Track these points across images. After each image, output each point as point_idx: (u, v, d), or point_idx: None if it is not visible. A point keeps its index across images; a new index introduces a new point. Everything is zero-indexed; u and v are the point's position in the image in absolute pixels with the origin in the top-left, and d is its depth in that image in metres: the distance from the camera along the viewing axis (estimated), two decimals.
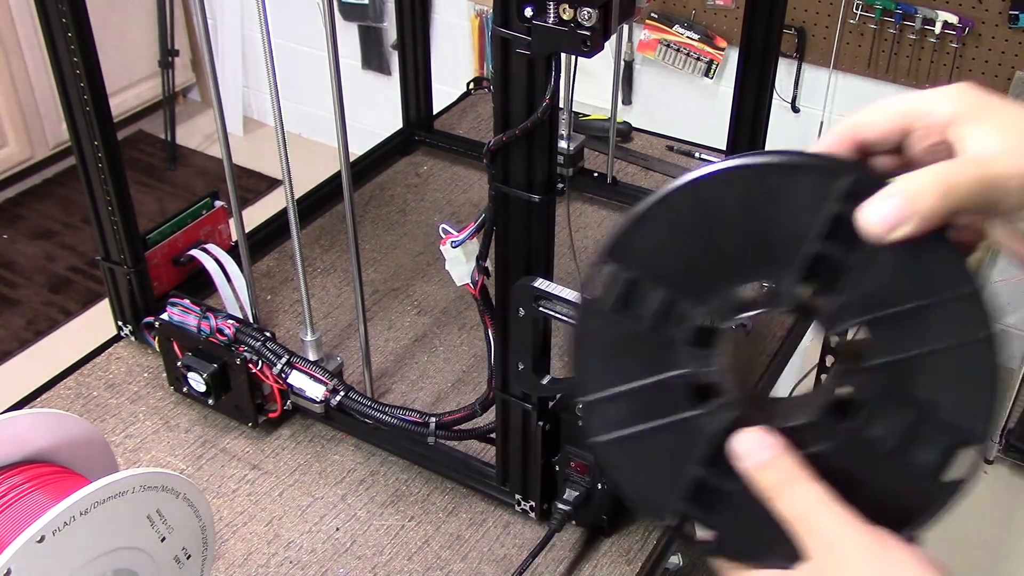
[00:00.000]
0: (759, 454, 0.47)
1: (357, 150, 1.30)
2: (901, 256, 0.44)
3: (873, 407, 0.47)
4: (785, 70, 2.42)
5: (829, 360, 0.46)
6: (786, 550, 0.47)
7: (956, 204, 0.43)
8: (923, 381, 0.46)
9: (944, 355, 0.45)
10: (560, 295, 0.80)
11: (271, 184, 3.23)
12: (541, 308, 0.81)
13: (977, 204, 0.43)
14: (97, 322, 2.60)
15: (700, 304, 0.48)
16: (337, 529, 0.97)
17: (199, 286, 1.19)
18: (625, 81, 2.66)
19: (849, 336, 0.47)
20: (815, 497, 0.46)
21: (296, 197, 1.01)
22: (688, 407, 0.49)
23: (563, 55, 0.75)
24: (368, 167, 1.49)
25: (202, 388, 1.04)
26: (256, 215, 1.39)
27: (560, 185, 0.80)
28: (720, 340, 0.48)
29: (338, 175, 1.34)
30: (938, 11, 2.18)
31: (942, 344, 0.45)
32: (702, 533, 0.51)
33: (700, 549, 0.51)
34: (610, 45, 0.80)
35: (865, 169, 0.46)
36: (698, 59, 2.53)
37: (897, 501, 0.47)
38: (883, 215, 0.43)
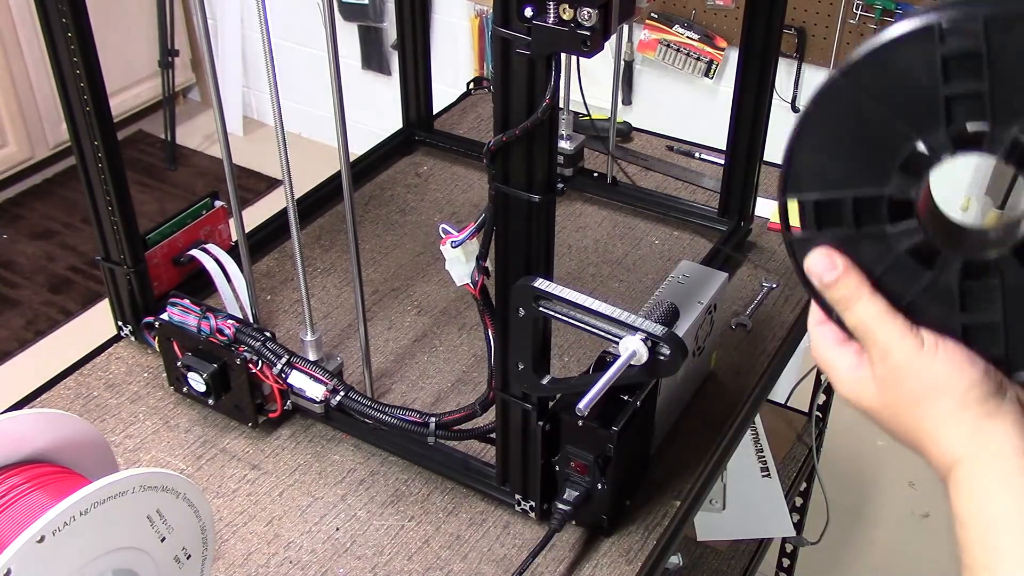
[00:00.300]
0: (828, 275, 0.55)
1: (357, 150, 1.30)
2: None
3: None
4: (785, 70, 2.42)
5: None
6: None
7: None
8: None
9: None
10: (560, 295, 0.80)
11: (271, 184, 3.23)
12: (541, 308, 0.81)
13: None
14: (97, 322, 2.60)
15: (882, 187, 0.52)
16: (337, 529, 0.97)
17: (199, 286, 1.19)
18: (625, 81, 2.66)
19: None
20: (875, 311, 0.54)
21: (296, 197, 1.01)
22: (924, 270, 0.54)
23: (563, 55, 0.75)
24: (368, 167, 1.49)
25: (202, 388, 1.04)
26: (256, 215, 1.39)
27: (560, 185, 0.80)
28: (915, 207, 0.53)
29: (338, 175, 1.34)
30: None
31: None
32: None
33: None
34: (610, 45, 0.80)
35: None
36: (698, 59, 2.53)
37: None
38: None
